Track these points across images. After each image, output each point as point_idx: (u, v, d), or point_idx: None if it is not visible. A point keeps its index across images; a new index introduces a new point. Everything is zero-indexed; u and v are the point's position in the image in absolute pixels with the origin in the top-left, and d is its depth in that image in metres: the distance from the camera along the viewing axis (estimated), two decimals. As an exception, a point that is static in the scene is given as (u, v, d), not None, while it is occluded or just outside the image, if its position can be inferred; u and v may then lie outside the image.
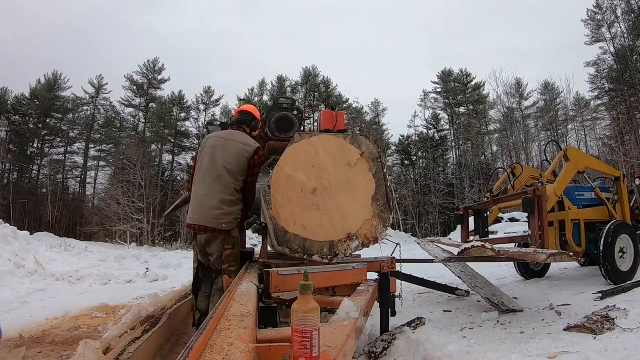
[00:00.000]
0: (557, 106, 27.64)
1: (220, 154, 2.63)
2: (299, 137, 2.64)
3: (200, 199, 2.61)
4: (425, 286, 4.84)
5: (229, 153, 2.62)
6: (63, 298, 4.77)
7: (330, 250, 2.45)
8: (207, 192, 2.59)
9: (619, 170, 5.62)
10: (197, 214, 2.60)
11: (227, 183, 2.58)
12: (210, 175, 2.60)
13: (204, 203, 2.58)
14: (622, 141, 21.08)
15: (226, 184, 2.58)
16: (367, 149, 2.65)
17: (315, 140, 2.64)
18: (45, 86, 30.10)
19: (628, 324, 2.86)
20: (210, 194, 2.57)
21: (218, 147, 2.66)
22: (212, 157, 2.65)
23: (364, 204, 2.58)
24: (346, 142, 2.66)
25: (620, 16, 24.00)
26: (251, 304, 1.60)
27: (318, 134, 2.73)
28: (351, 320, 1.72)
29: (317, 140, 2.64)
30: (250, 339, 1.23)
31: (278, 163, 2.55)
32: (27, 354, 2.67)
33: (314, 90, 33.54)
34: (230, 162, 2.60)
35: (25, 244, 7.32)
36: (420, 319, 3.19)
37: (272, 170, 2.59)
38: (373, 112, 33.77)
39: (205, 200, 2.58)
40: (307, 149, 2.60)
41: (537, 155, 25.67)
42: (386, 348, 2.33)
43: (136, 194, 23.32)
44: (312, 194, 2.51)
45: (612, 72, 24.45)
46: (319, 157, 2.59)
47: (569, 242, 4.57)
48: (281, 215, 2.43)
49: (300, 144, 2.62)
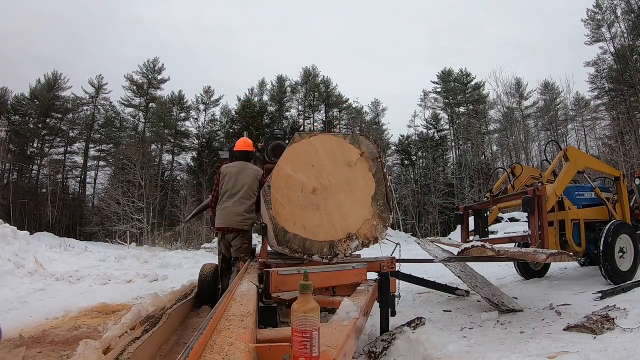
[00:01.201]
0: (557, 106, 27.66)
1: (242, 178, 3.73)
2: (299, 137, 2.63)
3: (229, 209, 3.68)
4: (425, 286, 4.84)
5: (247, 176, 3.74)
6: (63, 298, 4.77)
7: (330, 250, 2.44)
8: (233, 204, 3.67)
9: (619, 170, 5.61)
10: (225, 219, 3.68)
11: (247, 197, 3.68)
12: (236, 192, 3.69)
13: (232, 212, 3.66)
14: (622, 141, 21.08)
15: (247, 197, 3.68)
16: (367, 149, 2.64)
17: (315, 140, 2.63)
18: (45, 86, 30.11)
19: (628, 324, 2.86)
20: (236, 205, 3.67)
21: (239, 173, 3.76)
22: (235, 180, 3.73)
23: (364, 204, 2.57)
24: (346, 142, 2.65)
25: (620, 16, 24.03)
26: (251, 304, 1.60)
27: (318, 134, 2.72)
28: (351, 320, 1.72)
29: (317, 140, 2.63)
30: (250, 339, 1.23)
31: (278, 163, 2.54)
32: (27, 354, 2.67)
33: (314, 90, 33.54)
34: (249, 182, 3.71)
35: (25, 244, 7.32)
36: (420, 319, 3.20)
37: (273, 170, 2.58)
38: (373, 112, 33.82)
39: (232, 209, 3.67)
40: (307, 149, 2.59)
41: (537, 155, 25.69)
42: (386, 348, 2.33)
43: (136, 194, 23.32)
44: (312, 193, 2.51)
45: (612, 72, 24.45)
46: (319, 157, 2.58)
47: (569, 242, 4.56)
48: (281, 215, 2.43)
49: (300, 144, 2.61)
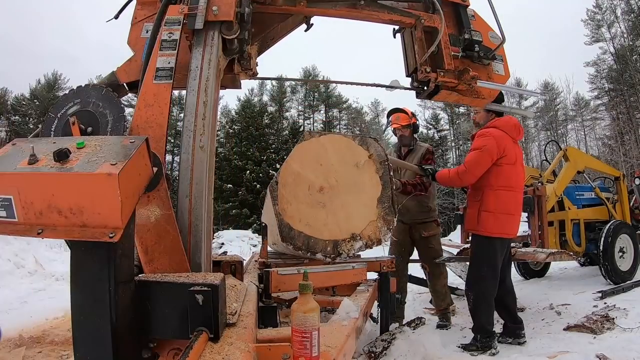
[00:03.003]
0: (557, 106, 27.67)
1: None
2: (309, 136, 2.64)
3: None
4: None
5: None
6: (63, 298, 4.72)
7: (334, 250, 2.45)
8: None
9: (619, 170, 5.62)
10: None
11: None
12: None
13: None
14: (622, 141, 21.11)
15: None
16: (375, 151, 2.65)
17: (324, 139, 2.63)
18: (45, 86, 30.13)
19: (628, 324, 2.86)
20: None
21: None
22: None
23: (370, 206, 2.58)
24: (355, 144, 2.65)
25: (620, 16, 24.02)
26: (251, 304, 1.60)
27: (328, 134, 2.73)
28: (351, 320, 1.72)
29: (327, 139, 2.64)
30: (250, 339, 1.24)
31: (287, 160, 2.55)
32: (27, 354, 2.67)
33: (314, 90, 33.55)
34: None
35: (25, 244, 7.31)
36: (420, 319, 3.20)
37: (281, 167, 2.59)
38: (373, 112, 33.83)
39: None
40: (316, 148, 2.59)
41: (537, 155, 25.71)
42: (386, 348, 2.33)
43: (136, 194, 23.29)
44: (319, 192, 2.51)
45: (612, 72, 24.46)
46: (328, 157, 2.58)
47: (569, 242, 4.57)
48: (287, 211, 2.43)
49: (309, 142, 2.61)
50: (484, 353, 2.63)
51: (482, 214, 2.76)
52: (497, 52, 2.48)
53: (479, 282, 2.78)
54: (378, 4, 2.33)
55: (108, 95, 1.67)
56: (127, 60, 2.01)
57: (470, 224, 2.89)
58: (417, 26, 2.42)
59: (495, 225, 2.74)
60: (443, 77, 2.35)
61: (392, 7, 2.37)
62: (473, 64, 2.43)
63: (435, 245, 3.57)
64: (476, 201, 2.82)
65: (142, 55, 1.85)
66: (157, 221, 1.39)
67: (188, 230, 1.50)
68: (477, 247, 2.85)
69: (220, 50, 1.77)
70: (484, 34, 2.50)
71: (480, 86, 2.38)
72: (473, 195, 2.89)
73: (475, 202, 2.83)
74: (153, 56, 1.62)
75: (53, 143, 1.21)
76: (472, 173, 2.78)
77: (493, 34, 2.54)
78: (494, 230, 2.75)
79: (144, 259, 1.40)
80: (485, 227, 2.74)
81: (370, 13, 2.33)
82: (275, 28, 2.37)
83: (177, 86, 1.73)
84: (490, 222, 2.74)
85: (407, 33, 2.58)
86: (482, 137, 2.81)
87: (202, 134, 1.59)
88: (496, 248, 2.77)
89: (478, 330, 2.73)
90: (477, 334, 2.72)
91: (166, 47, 1.64)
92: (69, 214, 1.08)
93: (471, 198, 2.91)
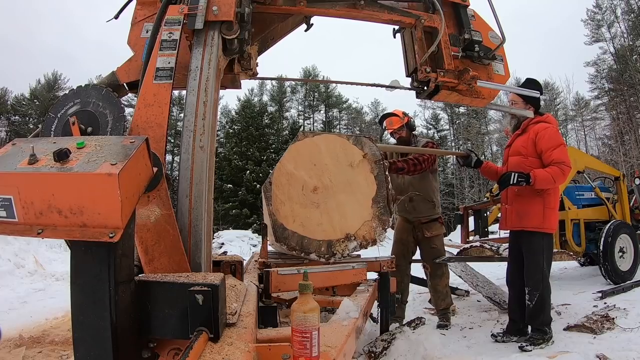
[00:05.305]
0: (557, 106, 27.66)
1: None
2: (303, 136, 2.63)
3: None
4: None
5: None
6: (63, 298, 4.75)
7: (328, 250, 2.44)
8: None
9: (619, 170, 5.62)
10: None
11: None
12: None
13: None
14: (622, 141, 21.11)
15: None
16: (370, 150, 2.64)
17: (318, 139, 2.63)
18: (45, 86, 30.13)
19: (628, 324, 2.86)
20: None
21: None
22: None
23: (364, 206, 2.57)
24: (349, 143, 2.65)
25: (620, 16, 24.04)
26: (251, 304, 1.60)
27: (321, 133, 2.73)
28: (351, 320, 1.72)
29: (321, 139, 2.63)
30: (250, 339, 1.23)
31: (280, 160, 2.54)
32: (27, 354, 2.67)
33: (314, 90, 33.55)
34: None
35: (25, 244, 7.32)
36: (420, 319, 3.20)
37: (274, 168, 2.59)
38: (373, 112, 33.81)
39: None
40: (310, 148, 2.59)
41: (537, 155, 25.64)
42: (386, 348, 2.33)
43: (136, 194, 23.29)
44: (312, 192, 2.51)
45: (612, 72, 24.46)
46: (322, 157, 2.58)
47: (569, 242, 4.57)
48: (281, 212, 2.43)
49: (303, 142, 2.60)
50: (547, 343, 2.72)
51: (546, 210, 2.82)
52: (497, 52, 2.48)
53: (545, 279, 2.83)
54: (378, 4, 2.33)
55: (108, 95, 1.67)
56: (127, 60, 2.01)
57: (532, 221, 2.84)
58: (417, 26, 2.42)
59: (555, 222, 2.89)
60: (443, 77, 2.34)
61: (392, 7, 2.37)
62: (473, 64, 2.43)
63: (438, 245, 3.57)
64: (539, 197, 2.82)
65: (142, 55, 1.85)
66: (157, 221, 1.39)
67: (188, 230, 1.49)
68: (544, 244, 2.85)
69: (220, 50, 1.77)
70: (484, 34, 2.49)
71: (480, 86, 2.38)
72: (531, 192, 2.84)
73: (538, 198, 2.82)
74: (153, 56, 1.62)
75: (53, 143, 1.21)
76: (570, 167, 2.85)
77: (493, 34, 2.54)
78: (554, 226, 2.88)
79: (144, 259, 1.40)
80: (551, 224, 2.82)
81: (370, 13, 2.33)
82: (275, 28, 2.37)
83: (177, 86, 1.73)
84: (553, 219, 2.85)
85: (407, 33, 2.58)
86: (549, 129, 2.87)
87: (202, 134, 1.59)
88: (552, 243, 2.93)
89: (546, 324, 2.80)
90: (546, 327, 2.79)
91: (166, 47, 1.63)
92: (69, 214, 1.07)
93: (528, 195, 2.85)
